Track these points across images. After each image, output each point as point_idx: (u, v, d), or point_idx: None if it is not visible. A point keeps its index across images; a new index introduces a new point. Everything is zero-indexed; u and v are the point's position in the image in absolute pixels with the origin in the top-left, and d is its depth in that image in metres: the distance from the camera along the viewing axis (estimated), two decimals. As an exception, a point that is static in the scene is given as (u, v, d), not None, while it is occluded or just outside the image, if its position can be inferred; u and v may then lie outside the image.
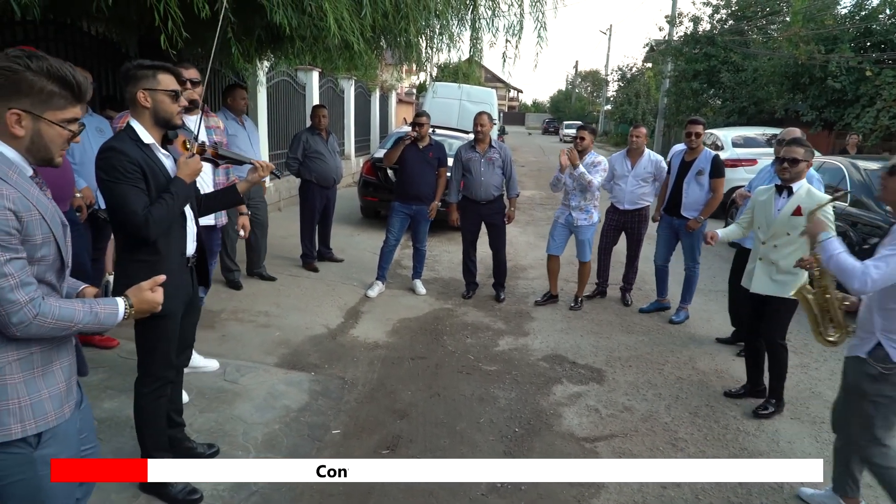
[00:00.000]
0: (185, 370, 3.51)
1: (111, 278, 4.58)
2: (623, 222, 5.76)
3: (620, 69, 34.21)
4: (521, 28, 5.79)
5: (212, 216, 3.84)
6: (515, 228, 9.27)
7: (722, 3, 19.24)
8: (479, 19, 5.75)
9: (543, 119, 60.46)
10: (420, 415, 3.62)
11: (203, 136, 3.71)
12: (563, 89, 67.10)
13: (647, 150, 5.66)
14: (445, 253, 7.72)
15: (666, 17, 21.92)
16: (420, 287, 6.00)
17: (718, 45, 18.54)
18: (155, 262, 2.35)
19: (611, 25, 44.54)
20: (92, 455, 1.87)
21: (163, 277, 1.78)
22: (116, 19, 4.85)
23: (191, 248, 2.57)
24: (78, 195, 3.72)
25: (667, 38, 22.02)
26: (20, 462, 1.53)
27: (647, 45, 25.05)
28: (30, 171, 1.54)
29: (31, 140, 1.50)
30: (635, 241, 5.81)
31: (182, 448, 2.86)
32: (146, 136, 2.32)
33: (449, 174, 5.86)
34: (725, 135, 11.48)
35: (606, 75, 41.20)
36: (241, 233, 4.15)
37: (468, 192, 5.71)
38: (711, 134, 11.64)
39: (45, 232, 1.50)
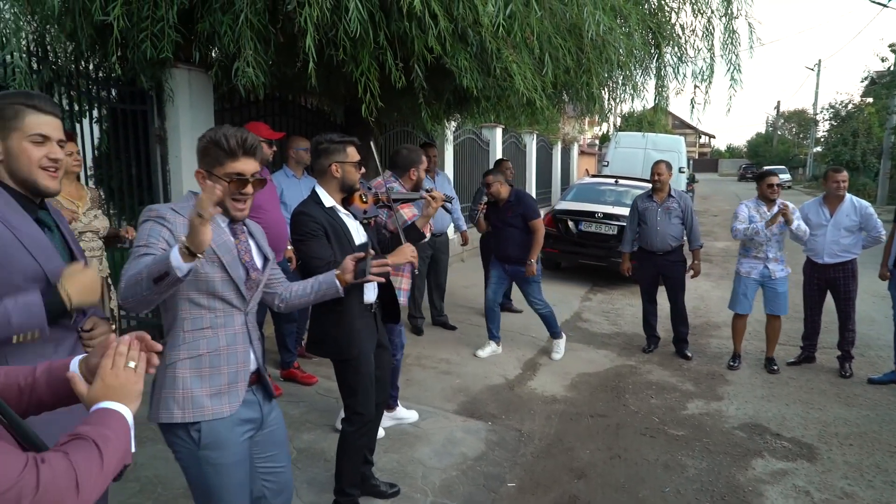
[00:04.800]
0: (391, 423, 3.81)
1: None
2: (826, 279, 5.04)
3: (832, 107, 30.72)
4: (712, 72, 5.53)
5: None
6: (707, 282, 8.61)
7: (964, 25, 16.52)
8: (664, 67, 5.61)
9: (740, 165, 56.03)
10: (599, 476, 3.45)
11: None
12: (763, 132, 61.91)
13: (848, 196, 4.94)
14: (629, 307, 7.39)
15: (890, 45, 19.40)
16: (557, 348, 5.43)
17: (961, 72, 15.86)
18: (340, 311, 2.61)
19: (819, 60, 40.33)
20: (281, 473, 2.11)
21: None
22: (327, 94, 5.55)
23: (370, 296, 2.76)
24: (289, 247, 4.23)
25: (892, 68, 19.41)
26: (188, 454, 1.85)
27: (865, 77, 22.27)
28: (227, 219, 1.92)
29: None
30: (844, 300, 4.99)
31: (368, 485, 3.04)
32: (328, 200, 2.66)
33: (622, 223, 5.65)
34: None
35: (815, 114, 37.25)
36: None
37: (644, 242, 5.49)
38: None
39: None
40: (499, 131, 11.72)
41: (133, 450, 1.13)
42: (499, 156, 11.63)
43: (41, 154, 1.63)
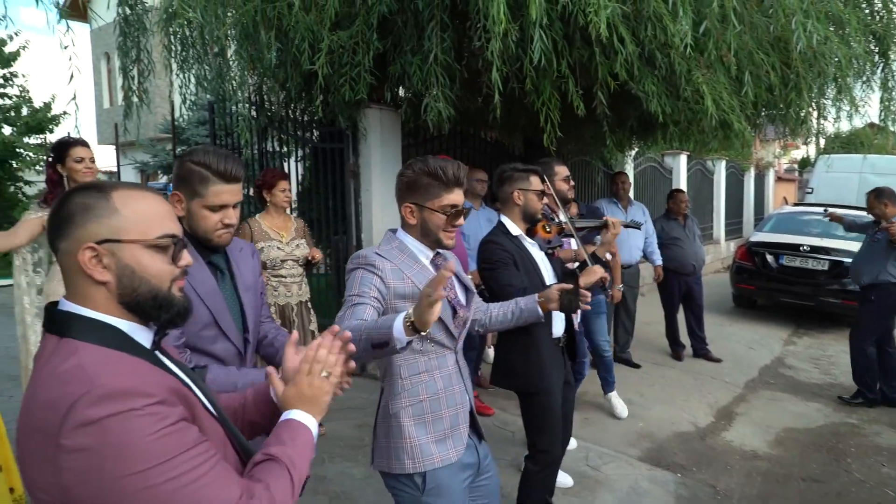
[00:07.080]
0: None
1: (491, 351, 5.11)
2: None
3: None
4: (965, 74, 4.66)
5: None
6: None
7: None
8: (893, 77, 4.85)
9: None
10: (817, 553, 2.95)
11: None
12: None
13: None
14: (843, 353, 6.36)
15: None
16: (615, 405, 4.55)
17: None
18: (527, 343, 2.53)
19: None
20: None
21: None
22: (507, 126, 5.62)
23: (558, 329, 2.68)
24: (468, 276, 4.28)
25: None
26: (410, 500, 1.80)
27: None
28: (430, 255, 1.90)
29: (421, 226, 1.85)
30: None
31: (547, 528, 2.89)
32: (514, 229, 2.63)
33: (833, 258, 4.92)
34: None
35: None
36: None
37: None
38: None
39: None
40: (683, 158, 11.01)
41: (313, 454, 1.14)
42: (682, 184, 10.92)
43: (217, 219, 1.70)
